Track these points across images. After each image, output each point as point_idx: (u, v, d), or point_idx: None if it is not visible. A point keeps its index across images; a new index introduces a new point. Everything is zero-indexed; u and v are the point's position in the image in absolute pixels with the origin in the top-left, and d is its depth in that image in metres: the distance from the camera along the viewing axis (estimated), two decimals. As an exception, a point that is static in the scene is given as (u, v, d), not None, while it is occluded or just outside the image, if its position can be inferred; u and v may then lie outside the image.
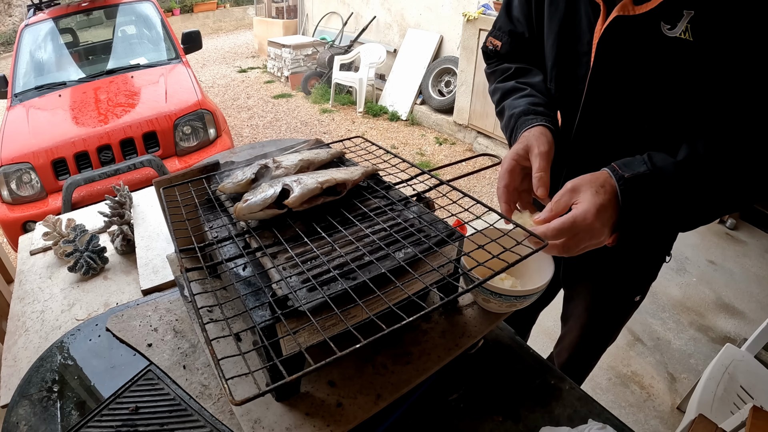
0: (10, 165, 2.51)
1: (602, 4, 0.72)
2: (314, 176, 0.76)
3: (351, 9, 5.94)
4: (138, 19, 3.90)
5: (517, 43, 0.92)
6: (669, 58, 0.68)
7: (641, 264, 1.02)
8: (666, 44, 0.67)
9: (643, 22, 0.68)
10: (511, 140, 0.85)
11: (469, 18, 3.78)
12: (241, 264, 0.67)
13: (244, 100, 5.75)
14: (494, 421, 0.74)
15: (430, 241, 0.68)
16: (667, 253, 1.01)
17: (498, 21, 0.96)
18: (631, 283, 1.07)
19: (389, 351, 0.74)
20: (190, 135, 2.89)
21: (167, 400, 0.73)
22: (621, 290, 1.08)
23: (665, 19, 0.66)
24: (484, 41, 0.98)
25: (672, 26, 0.66)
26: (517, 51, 0.93)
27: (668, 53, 0.68)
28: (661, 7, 0.66)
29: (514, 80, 0.90)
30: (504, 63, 0.95)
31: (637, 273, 1.05)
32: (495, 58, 0.98)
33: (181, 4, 9.78)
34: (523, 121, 0.81)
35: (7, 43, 8.42)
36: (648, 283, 1.09)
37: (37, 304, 1.13)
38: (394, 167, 0.94)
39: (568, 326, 1.25)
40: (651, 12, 0.67)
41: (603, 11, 0.72)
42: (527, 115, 0.81)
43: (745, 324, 2.20)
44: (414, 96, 4.84)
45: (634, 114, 0.76)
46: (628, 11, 0.68)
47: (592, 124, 0.81)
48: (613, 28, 0.71)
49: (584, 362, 1.33)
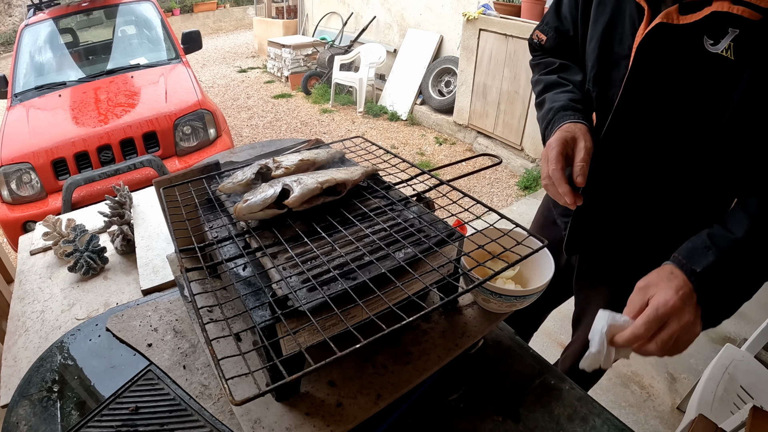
0: (10, 165, 2.51)
1: (647, 9, 0.71)
2: (314, 176, 0.76)
3: (351, 9, 5.94)
4: (138, 19, 3.90)
5: (561, 40, 0.94)
6: (707, 73, 0.67)
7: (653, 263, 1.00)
8: (706, 59, 0.66)
9: (686, 33, 0.67)
10: (547, 130, 0.86)
11: (469, 18, 3.78)
12: (241, 264, 0.67)
13: (244, 100, 5.74)
14: (494, 421, 0.74)
15: (430, 241, 0.68)
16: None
17: (546, 16, 0.98)
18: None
19: (389, 351, 0.74)
20: (190, 135, 2.89)
21: (167, 400, 0.73)
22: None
23: (709, 34, 0.65)
24: (531, 34, 1.02)
25: (715, 42, 0.65)
26: (561, 47, 0.96)
27: (707, 69, 0.67)
28: (706, 21, 0.64)
29: (557, 75, 0.92)
30: (548, 57, 0.98)
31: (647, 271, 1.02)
32: (539, 51, 1.01)
33: (181, 4, 9.77)
34: (562, 116, 0.83)
35: (7, 43, 8.42)
36: None
37: (37, 304, 1.13)
38: (394, 167, 0.94)
39: (577, 334, 1.21)
40: (695, 24, 0.65)
41: (647, 17, 0.71)
42: (566, 111, 0.83)
43: (745, 324, 2.20)
44: (414, 96, 4.84)
45: (665, 124, 0.75)
46: (672, 20, 0.67)
47: (622, 129, 0.81)
48: (654, 35, 0.70)
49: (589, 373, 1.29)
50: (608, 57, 0.80)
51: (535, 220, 1.24)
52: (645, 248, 0.90)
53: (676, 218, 0.85)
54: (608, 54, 0.80)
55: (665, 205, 0.84)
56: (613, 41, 0.78)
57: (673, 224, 0.86)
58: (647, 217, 0.87)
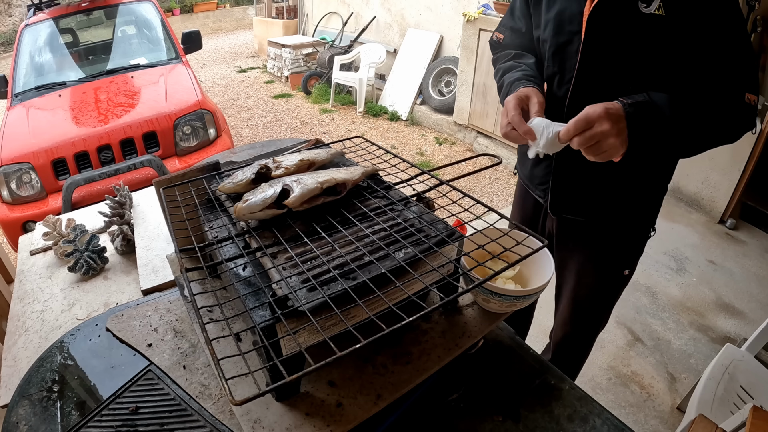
0: (10, 165, 2.51)
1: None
2: (314, 176, 0.76)
3: (351, 9, 5.94)
4: (138, 19, 3.89)
5: (514, 36, 1.12)
6: (646, 31, 0.84)
7: (627, 235, 1.13)
8: (643, 20, 0.83)
9: (624, 1, 0.84)
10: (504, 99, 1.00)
11: (469, 18, 3.78)
12: (241, 264, 0.67)
13: (244, 100, 5.74)
14: (494, 421, 0.74)
15: (430, 241, 0.68)
16: (651, 227, 1.13)
17: (503, 19, 1.17)
18: (619, 256, 1.16)
19: (389, 351, 0.74)
20: (190, 135, 2.89)
21: (167, 400, 0.73)
22: (609, 262, 1.17)
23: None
24: (491, 36, 1.20)
25: (647, 4, 0.82)
26: (514, 42, 1.13)
27: (645, 27, 0.84)
28: None
29: (513, 60, 1.09)
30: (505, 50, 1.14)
31: (624, 245, 1.15)
32: (498, 48, 1.18)
33: (181, 4, 9.77)
34: (518, 84, 0.97)
35: (7, 43, 8.41)
36: (636, 258, 1.18)
37: (37, 304, 1.13)
38: (394, 167, 0.94)
39: (561, 304, 1.33)
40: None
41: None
42: (520, 80, 0.99)
43: (745, 324, 2.20)
44: (414, 96, 4.84)
45: (620, 81, 0.90)
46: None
47: (583, 93, 0.94)
48: (599, 7, 0.87)
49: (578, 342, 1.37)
50: (562, 36, 0.96)
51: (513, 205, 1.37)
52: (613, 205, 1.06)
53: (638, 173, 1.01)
54: (562, 34, 0.96)
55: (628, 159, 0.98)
56: (565, 23, 0.94)
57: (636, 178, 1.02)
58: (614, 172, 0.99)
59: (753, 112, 0.84)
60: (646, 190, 1.06)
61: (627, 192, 1.04)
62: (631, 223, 1.11)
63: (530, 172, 1.16)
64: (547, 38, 0.99)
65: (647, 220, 1.12)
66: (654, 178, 1.05)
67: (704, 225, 2.97)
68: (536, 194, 1.17)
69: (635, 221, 1.12)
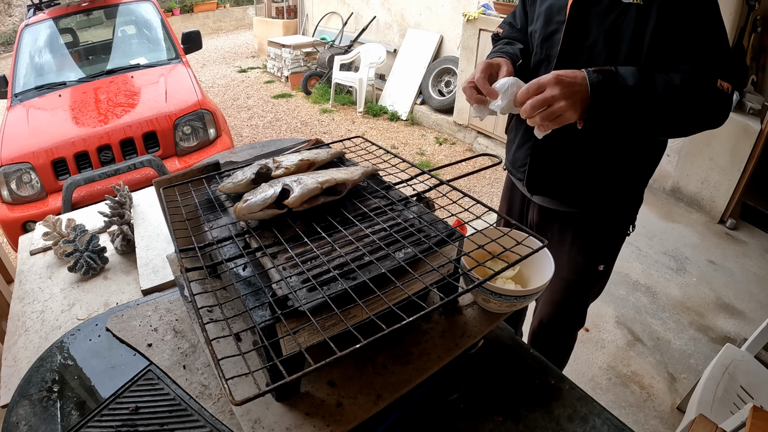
0: (10, 165, 2.51)
1: None
2: (314, 176, 0.76)
3: (351, 9, 5.94)
4: (138, 19, 3.89)
5: (511, 30, 1.23)
6: (623, 18, 0.90)
7: (604, 230, 1.16)
8: (622, 9, 0.90)
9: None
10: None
11: (469, 18, 3.78)
12: (241, 264, 0.67)
13: (244, 100, 5.74)
14: (494, 421, 0.74)
15: (430, 241, 0.68)
16: (631, 224, 1.16)
17: (506, 17, 1.26)
18: (594, 250, 1.19)
19: (389, 351, 0.74)
20: (190, 135, 2.89)
21: (167, 400, 0.73)
22: (584, 256, 1.20)
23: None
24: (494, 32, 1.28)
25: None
26: (510, 35, 1.22)
27: (623, 15, 0.90)
28: None
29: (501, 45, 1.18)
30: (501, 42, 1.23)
31: (599, 239, 1.18)
32: (497, 41, 1.26)
33: (181, 4, 9.77)
34: (491, 56, 1.06)
35: (7, 43, 8.41)
36: (612, 254, 1.22)
37: (37, 304, 1.13)
38: (394, 167, 0.94)
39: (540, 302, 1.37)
40: None
41: None
42: (495, 53, 1.08)
43: (745, 324, 2.20)
44: (414, 96, 4.84)
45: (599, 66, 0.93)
46: None
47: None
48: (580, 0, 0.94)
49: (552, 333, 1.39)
50: (550, 26, 1.03)
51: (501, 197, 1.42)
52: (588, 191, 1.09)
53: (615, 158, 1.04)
54: (550, 24, 1.03)
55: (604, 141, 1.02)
56: (553, 14, 1.02)
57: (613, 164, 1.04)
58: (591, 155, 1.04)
59: (728, 101, 0.86)
60: (624, 179, 1.08)
61: (603, 178, 1.06)
62: (608, 217, 1.14)
63: (513, 156, 1.20)
64: (537, 29, 1.07)
65: (626, 216, 1.14)
66: (632, 166, 1.06)
67: (704, 225, 2.98)
68: (517, 177, 1.21)
69: (612, 215, 1.14)
